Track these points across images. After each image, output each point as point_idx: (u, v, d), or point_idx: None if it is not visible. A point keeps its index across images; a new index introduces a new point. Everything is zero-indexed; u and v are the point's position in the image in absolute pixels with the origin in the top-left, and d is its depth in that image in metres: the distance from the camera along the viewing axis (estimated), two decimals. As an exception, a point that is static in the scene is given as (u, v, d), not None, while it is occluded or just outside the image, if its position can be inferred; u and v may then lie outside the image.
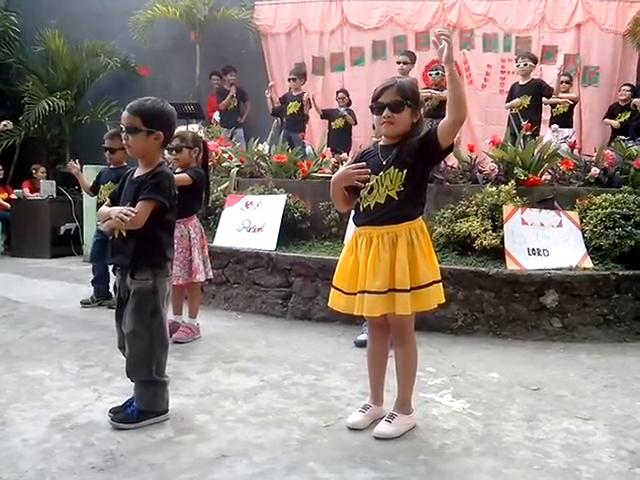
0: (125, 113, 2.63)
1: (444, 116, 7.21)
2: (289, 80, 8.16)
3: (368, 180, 2.55)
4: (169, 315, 3.75)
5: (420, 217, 2.59)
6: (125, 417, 2.66)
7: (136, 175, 2.73)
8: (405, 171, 2.50)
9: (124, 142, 2.68)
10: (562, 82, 7.26)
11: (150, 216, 2.61)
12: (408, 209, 2.54)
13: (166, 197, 2.64)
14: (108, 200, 2.84)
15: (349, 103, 8.02)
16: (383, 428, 2.59)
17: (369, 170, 2.55)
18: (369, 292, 2.50)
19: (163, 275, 2.73)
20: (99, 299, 5.03)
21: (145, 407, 2.69)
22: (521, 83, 6.97)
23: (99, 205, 4.92)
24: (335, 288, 2.66)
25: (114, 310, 2.81)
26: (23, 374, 3.30)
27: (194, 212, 4.10)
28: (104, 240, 4.84)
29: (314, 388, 3.18)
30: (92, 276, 5.10)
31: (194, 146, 4.05)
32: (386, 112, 2.51)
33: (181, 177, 3.82)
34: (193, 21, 9.21)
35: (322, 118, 8.17)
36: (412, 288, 2.48)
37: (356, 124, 7.84)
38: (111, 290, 4.91)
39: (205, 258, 4.17)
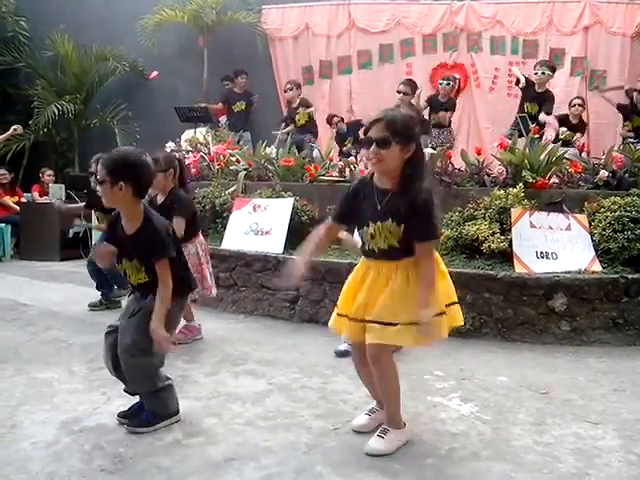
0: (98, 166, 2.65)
1: (449, 125, 7.16)
2: (285, 92, 8.22)
3: (366, 225, 2.49)
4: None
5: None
6: (140, 422, 2.69)
7: (130, 232, 2.67)
8: (402, 226, 2.42)
9: None
10: (574, 105, 7.11)
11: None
12: (413, 248, 2.46)
13: (172, 249, 2.66)
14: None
15: (343, 120, 8.13)
16: (374, 444, 2.51)
17: None
18: (350, 319, 2.53)
19: (181, 305, 2.83)
20: (107, 303, 5.06)
21: (158, 412, 2.72)
22: (537, 90, 6.94)
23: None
24: (338, 314, 2.63)
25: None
26: (32, 377, 3.32)
27: (197, 230, 4.15)
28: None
29: (322, 391, 3.18)
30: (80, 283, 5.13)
31: (168, 168, 3.92)
32: (373, 148, 2.39)
33: (176, 227, 3.81)
34: (201, 25, 9.26)
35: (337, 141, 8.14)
36: (393, 324, 2.40)
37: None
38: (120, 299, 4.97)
39: (211, 273, 4.22)
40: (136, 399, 2.79)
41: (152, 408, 2.72)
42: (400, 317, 2.40)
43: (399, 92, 6.87)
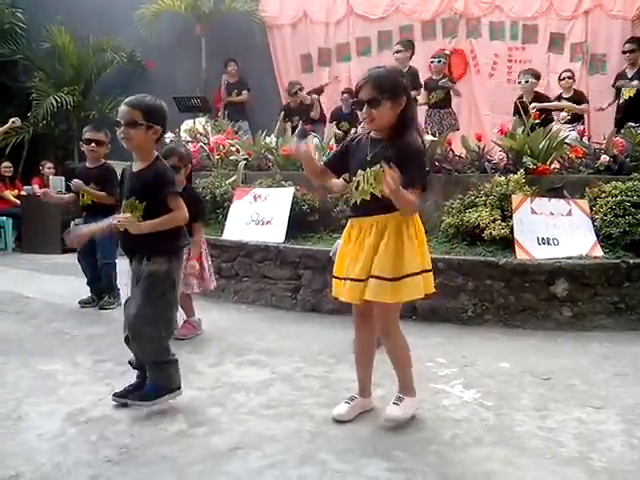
0: (124, 107, 2.70)
1: (449, 106, 7.15)
2: (295, 94, 8.16)
3: (355, 174, 2.56)
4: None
5: None
6: (143, 396, 2.75)
7: (136, 169, 2.80)
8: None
9: (123, 136, 2.70)
10: (564, 78, 7.11)
11: (165, 208, 2.72)
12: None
13: (176, 187, 2.80)
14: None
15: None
16: (392, 412, 2.61)
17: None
18: (350, 279, 2.53)
19: (178, 262, 2.83)
20: (99, 300, 4.86)
21: (160, 384, 2.78)
22: (525, 100, 6.88)
23: (84, 206, 4.75)
24: (335, 277, 2.69)
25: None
26: (37, 369, 3.34)
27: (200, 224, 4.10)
28: (88, 240, 4.79)
29: (325, 380, 3.20)
30: (83, 276, 4.98)
31: (189, 162, 3.95)
32: (365, 109, 2.50)
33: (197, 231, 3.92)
34: (198, 14, 9.22)
35: (330, 122, 8.15)
36: (398, 278, 2.46)
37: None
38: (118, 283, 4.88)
39: (210, 266, 4.19)
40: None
41: (156, 380, 2.77)
42: (402, 270, 2.46)
43: (397, 52, 6.94)
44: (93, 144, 4.70)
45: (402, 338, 2.67)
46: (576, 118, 7.01)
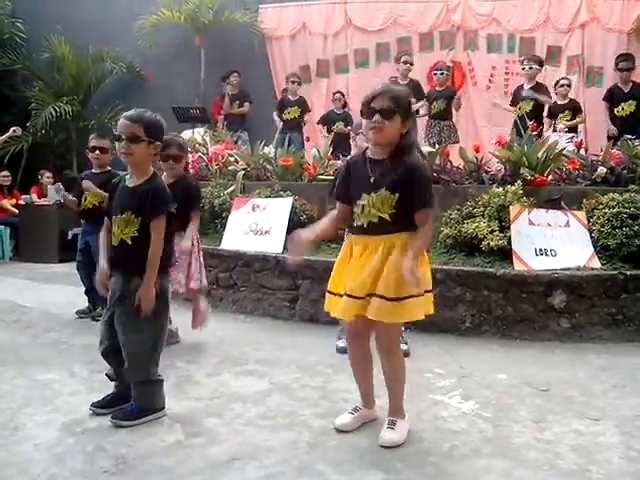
0: (125, 122, 2.67)
1: (450, 118, 7.17)
2: (292, 82, 8.22)
3: (358, 198, 2.54)
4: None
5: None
6: (125, 415, 2.73)
7: (132, 185, 2.76)
8: (397, 195, 2.46)
9: (124, 150, 2.68)
10: (562, 86, 7.18)
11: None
12: (403, 224, 2.49)
13: (170, 205, 2.75)
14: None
15: (345, 104, 8.09)
16: (389, 436, 2.57)
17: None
18: (348, 295, 2.52)
19: (167, 279, 2.83)
20: (95, 309, 4.77)
21: (144, 405, 2.76)
22: (526, 87, 6.96)
23: (85, 212, 4.75)
24: (331, 293, 2.68)
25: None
26: (33, 379, 3.33)
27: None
28: (87, 249, 4.69)
29: (323, 390, 3.19)
30: (80, 284, 4.94)
31: (186, 153, 4.02)
32: (376, 117, 2.48)
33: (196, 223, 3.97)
34: (198, 25, 9.26)
35: (319, 123, 8.23)
36: (400, 298, 2.44)
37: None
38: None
39: (201, 265, 4.13)
40: (110, 389, 2.88)
41: (140, 399, 2.76)
42: (405, 291, 2.44)
43: (405, 63, 7.24)
44: (98, 151, 4.71)
45: (402, 356, 2.68)
46: (571, 129, 7.07)
